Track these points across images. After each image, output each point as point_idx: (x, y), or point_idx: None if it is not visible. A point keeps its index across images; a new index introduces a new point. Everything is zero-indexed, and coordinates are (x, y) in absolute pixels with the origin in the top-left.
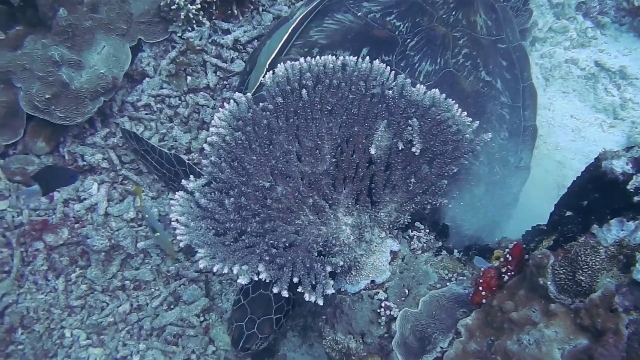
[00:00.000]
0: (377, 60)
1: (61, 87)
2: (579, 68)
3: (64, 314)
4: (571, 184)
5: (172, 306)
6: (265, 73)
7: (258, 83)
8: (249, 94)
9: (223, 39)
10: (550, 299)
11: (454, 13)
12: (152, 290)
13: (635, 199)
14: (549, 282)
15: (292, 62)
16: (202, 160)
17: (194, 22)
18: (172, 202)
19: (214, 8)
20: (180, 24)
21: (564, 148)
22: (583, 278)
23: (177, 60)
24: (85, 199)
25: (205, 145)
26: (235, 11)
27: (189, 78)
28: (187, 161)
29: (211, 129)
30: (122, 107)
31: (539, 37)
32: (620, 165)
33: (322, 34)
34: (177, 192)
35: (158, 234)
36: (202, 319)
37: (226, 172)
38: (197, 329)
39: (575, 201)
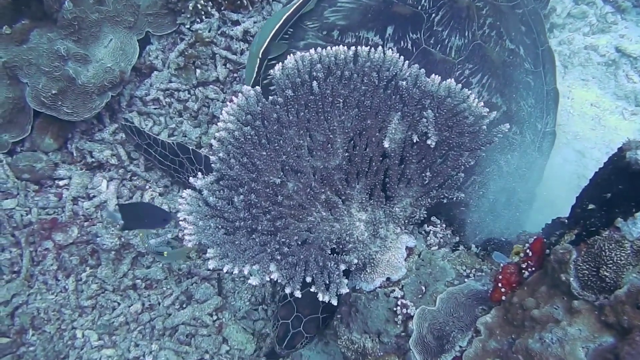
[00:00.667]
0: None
1: (68, 82)
2: (599, 54)
3: (74, 315)
4: (593, 175)
5: (184, 305)
6: (260, 63)
7: (254, 75)
8: (257, 87)
9: (232, 30)
10: (573, 295)
11: None
12: (164, 289)
13: None
14: (572, 278)
15: (302, 53)
16: (210, 157)
17: (203, 13)
18: (179, 200)
19: None
20: (188, 16)
21: (584, 137)
22: (607, 274)
23: (186, 53)
24: (94, 196)
25: (213, 141)
26: (245, 1)
27: (198, 71)
28: (190, 148)
29: (219, 124)
30: (131, 101)
31: (557, 23)
32: None
33: (338, 14)
34: (184, 190)
35: (166, 252)
36: (215, 317)
37: (235, 169)
38: (210, 328)
39: (598, 193)
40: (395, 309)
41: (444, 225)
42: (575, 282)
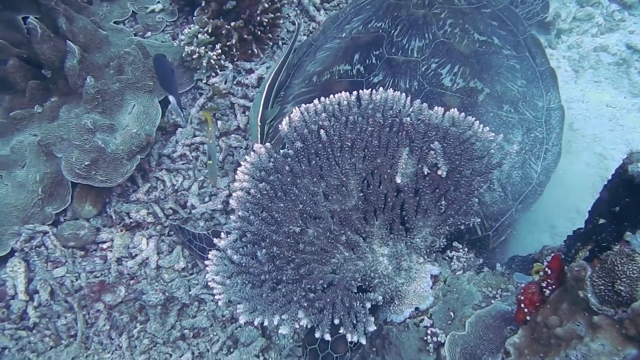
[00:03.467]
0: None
1: (98, 153)
2: (610, 54)
3: None
4: (602, 189)
5: (231, 349)
6: (260, 130)
7: (258, 140)
8: (268, 144)
9: (247, 78)
10: (593, 311)
11: None
12: (211, 336)
13: None
14: (590, 295)
15: (307, 105)
16: (230, 216)
17: (217, 67)
18: (206, 262)
19: (234, 50)
20: (204, 71)
21: (603, 139)
22: (622, 288)
23: (206, 107)
24: (136, 255)
25: (231, 201)
26: (255, 50)
27: (219, 122)
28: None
29: (235, 184)
30: (160, 160)
31: (563, 28)
32: None
33: (316, 64)
34: (210, 252)
35: (210, 162)
36: (262, 358)
37: (255, 225)
38: None
39: (607, 207)
40: (426, 338)
41: (466, 249)
42: (593, 298)
